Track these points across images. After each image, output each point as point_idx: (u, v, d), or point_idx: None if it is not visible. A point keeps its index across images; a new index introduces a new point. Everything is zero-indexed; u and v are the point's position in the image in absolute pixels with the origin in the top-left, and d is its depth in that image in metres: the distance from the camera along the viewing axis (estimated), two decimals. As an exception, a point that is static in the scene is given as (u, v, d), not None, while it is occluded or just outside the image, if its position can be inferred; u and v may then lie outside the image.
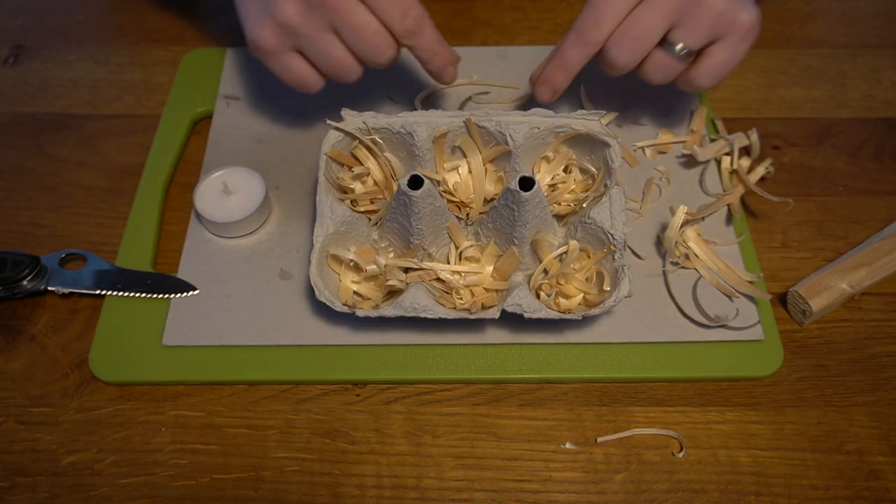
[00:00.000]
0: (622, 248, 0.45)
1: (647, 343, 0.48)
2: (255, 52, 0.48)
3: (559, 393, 0.47)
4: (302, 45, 0.46)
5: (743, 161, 0.55)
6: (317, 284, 0.44)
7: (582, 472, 0.44)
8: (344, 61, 0.47)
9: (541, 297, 0.47)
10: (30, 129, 0.60)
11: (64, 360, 0.48)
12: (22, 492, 0.43)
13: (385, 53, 0.46)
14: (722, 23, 0.46)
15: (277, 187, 0.55)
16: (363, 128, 0.49)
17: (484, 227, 0.48)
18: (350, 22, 0.44)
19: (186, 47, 0.65)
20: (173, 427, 0.46)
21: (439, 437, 0.45)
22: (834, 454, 0.45)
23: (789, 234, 0.54)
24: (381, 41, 0.46)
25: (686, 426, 0.46)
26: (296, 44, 0.46)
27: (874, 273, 0.49)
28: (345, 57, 0.47)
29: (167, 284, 0.50)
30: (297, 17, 0.44)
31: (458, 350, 0.48)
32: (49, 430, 0.46)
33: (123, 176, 0.57)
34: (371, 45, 0.45)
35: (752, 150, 0.56)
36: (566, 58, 0.48)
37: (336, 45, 0.46)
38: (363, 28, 0.45)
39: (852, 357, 0.48)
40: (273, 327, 0.48)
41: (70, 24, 0.68)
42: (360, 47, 0.46)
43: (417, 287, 0.45)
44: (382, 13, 0.45)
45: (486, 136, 0.49)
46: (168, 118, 0.59)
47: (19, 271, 0.49)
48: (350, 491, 0.43)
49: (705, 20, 0.46)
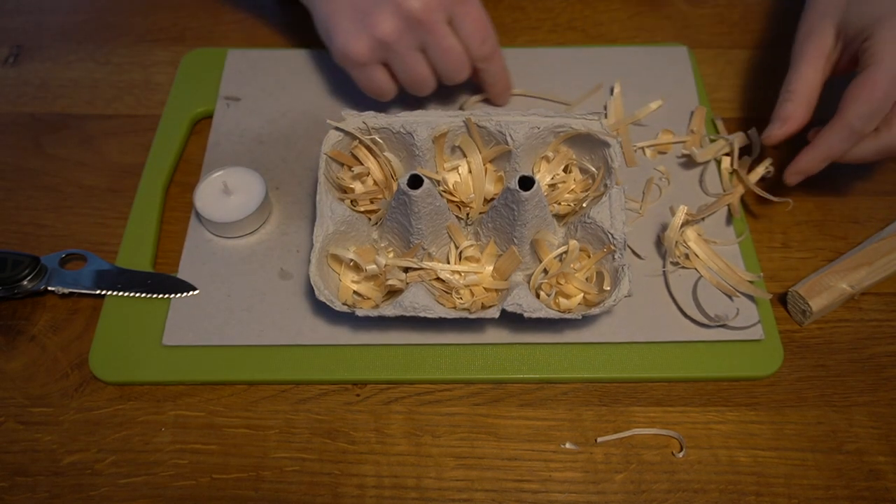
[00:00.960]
0: (622, 248, 0.45)
1: (647, 343, 0.48)
2: (343, 61, 0.52)
3: (559, 393, 0.47)
4: (390, 59, 0.51)
5: (743, 161, 0.55)
6: (317, 284, 0.44)
7: (582, 472, 0.44)
8: (426, 77, 0.52)
9: (541, 296, 0.47)
10: (30, 129, 0.60)
11: (64, 360, 0.48)
12: (22, 492, 0.43)
13: (462, 73, 0.52)
14: None
15: (277, 187, 0.55)
16: (363, 128, 0.49)
17: (484, 227, 0.48)
18: (441, 44, 0.50)
19: (186, 47, 0.65)
20: (173, 427, 0.46)
21: (439, 437, 0.45)
22: (834, 454, 0.45)
23: (789, 234, 0.54)
24: (462, 63, 0.51)
25: (686, 426, 0.46)
26: (385, 57, 0.50)
27: (874, 273, 0.49)
28: (427, 74, 0.51)
29: (167, 284, 0.50)
30: (395, 34, 0.49)
31: (457, 350, 0.48)
32: (49, 430, 0.46)
33: (123, 176, 0.57)
34: (453, 66, 0.51)
35: (753, 149, 0.56)
36: (832, 151, 0.48)
37: (422, 62, 0.51)
38: (450, 50, 0.50)
39: (852, 357, 0.48)
40: (273, 327, 0.48)
41: (70, 24, 0.68)
42: (444, 66, 0.51)
43: (417, 287, 0.45)
44: (467, 38, 0.51)
45: (486, 136, 0.49)
46: (168, 118, 0.59)
47: (19, 271, 0.49)
48: (350, 491, 0.43)
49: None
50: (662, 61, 0.62)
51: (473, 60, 0.52)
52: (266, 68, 0.62)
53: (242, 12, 0.68)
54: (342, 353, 0.47)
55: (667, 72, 0.61)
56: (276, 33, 0.66)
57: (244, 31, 0.67)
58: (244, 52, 0.63)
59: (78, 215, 0.55)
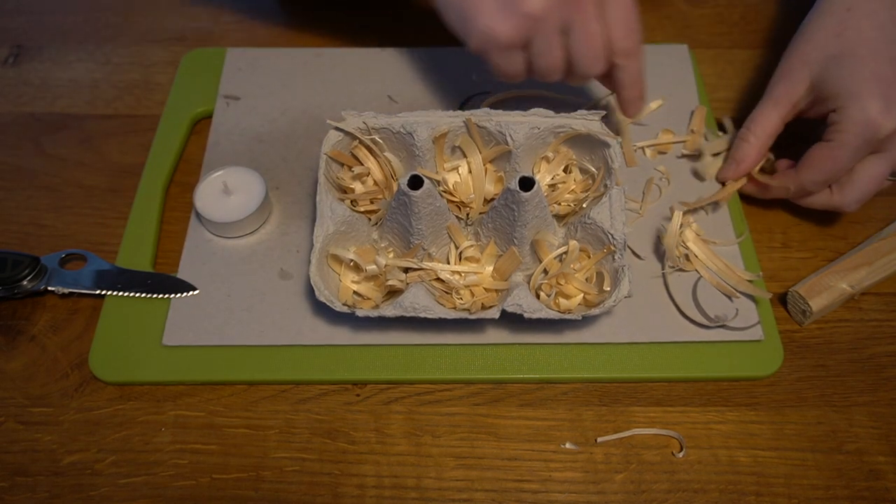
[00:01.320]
0: (622, 248, 0.45)
1: (647, 343, 0.48)
2: (485, 44, 0.46)
3: (559, 393, 0.47)
4: (533, 39, 0.46)
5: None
6: (317, 284, 0.44)
7: (582, 472, 0.44)
8: (559, 64, 0.47)
9: (541, 297, 0.47)
10: (30, 129, 0.60)
11: (64, 360, 0.48)
12: (22, 492, 0.43)
13: (598, 65, 0.46)
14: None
15: (277, 187, 0.55)
16: (363, 128, 0.49)
17: (484, 227, 0.48)
18: (586, 26, 0.45)
19: (186, 47, 0.65)
20: (173, 427, 0.46)
21: (439, 437, 0.45)
22: (834, 454, 0.45)
23: (789, 234, 0.54)
24: (600, 53, 0.46)
25: (686, 426, 0.46)
26: (530, 37, 0.46)
27: (874, 273, 0.49)
28: (561, 58, 0.46)
29: (167, 284, 0.50)
30: (545, 10, 0.44)
31: (457, 350, 0.48)
32: (49, 430, 0.46)
33: (123, 176, 0.57)
34: (592, 54, 0.46)
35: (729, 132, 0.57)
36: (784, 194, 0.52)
37: (560, 46, 0.46)
38: (594, 35, 0.45)
39: (852, 357, 0.48)
40: (273, 327, 0.48)
41: (70, 24, 0.68)
42: (582, 54, 0.46)
43: (417, 287, 0.45)
44: (612, 26, 0.45)
45: (486, 136, 0.49)
46: (168, 118, 0.59)
47: (19, 271, 0.49)
48: (350, 491, 0.43)
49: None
50: (662, 61, 0.62)
51: (613, 54, 0.46)
52: (266, 68, 0.62)
53: (242, 12, 0.68)
54: (342, 353, 0.47)
55: (667, 71, 0.61)
56: (275, 33, 0.66)
57: (244, 30, 0.67)
58: (244, 52, 0.63)
59: (78, 215, 0.55)
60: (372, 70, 0.61)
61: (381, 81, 0.60)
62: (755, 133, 0.52)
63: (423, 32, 0.65)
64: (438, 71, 0.61)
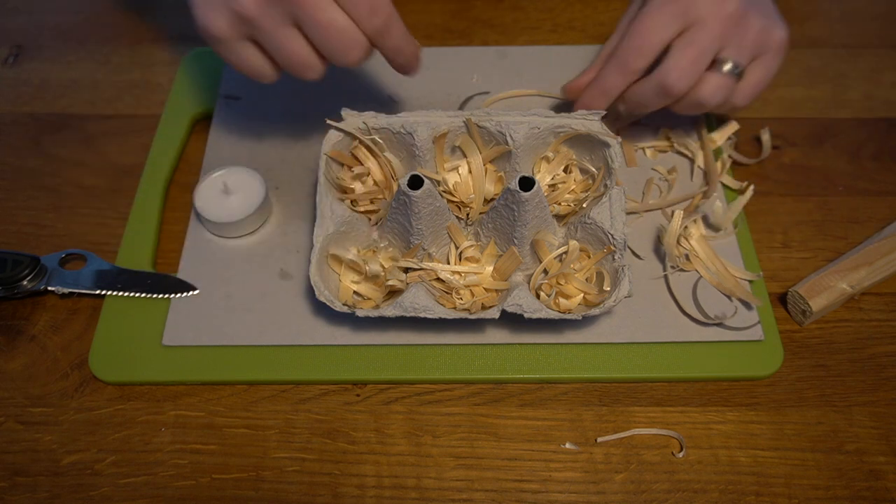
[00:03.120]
0: (622, 249, 0.45)
1: (647, 343, 0.48)
2: (204, 37, 0.45)
3: (559, 393, 0.47)
4: (258, 36, 0.43)
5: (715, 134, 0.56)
6: (317, 284, 0.44)
7: (582, 472, 0.44)
8: (303, 57, 0.44)
9: (541, 297, 0.47)
10: (30, 129, 0.60)
11: (64, 360, 0.48)
12: (22, 492, 0.43)
13: (352, 52, 0.43)
14: (761, 39, 0.48)
15: (277, 187, 0.55)
16: (363, 128, 0.49)
17: (484, 227, 0.48)
18: (315, 18, 0.41)
19: (186, 47, 0.65)
20: (173, 427, 0.46)
21: (439, 437, 0.45)
22: (834, 454, 0.45)
23: (789, 234, 0.54)
24: (348, 40, 0.42)
25: (686, 426, 0.46)
26: (250, 34, 0.43)
27: (874, 273, 0.49)
28: (304, 53, 0.43)
29: (167, 284, 0.50)
30: (256, 8, 0.41)
31: (457, 350, 0.48)
32: (49, 430, 0.46)
33: (123, 176, 0.57)
34: (337, 44, 0.42)
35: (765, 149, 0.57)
36: (607, 85, 0.50)
37: (295, 39, 0.43)
38: (328, 24, 0.42)
39: (852, 357, 0.48)
40: (273, 327, 0.48)
41: (70, 24, 0.68)
42: (326, 45, 0.43)
43: (417, 287, 0.45)
44: (351, 10, 0.42)
45: (486, 136, 0.49)
46: (168, 118, 0.59)
47: (19, 271, 0.49)
48: (350, 491, 0.43)
49: (748, 39, 0.48)
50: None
51: (367, 36, 0.43)
52: None
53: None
54: (342, 353, 0.47)
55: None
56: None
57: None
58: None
59: (78, 215, 0.55)
60: (372, 70, 0.61)
61: (381, 81, 0.60)
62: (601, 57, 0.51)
63: (422, 32, 0.65)
64: (438, 71, 0.61)
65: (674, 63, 0.47)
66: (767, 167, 0.57)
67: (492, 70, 0.61)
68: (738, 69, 0.48)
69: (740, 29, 0.47)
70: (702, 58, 0.47)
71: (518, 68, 0.61)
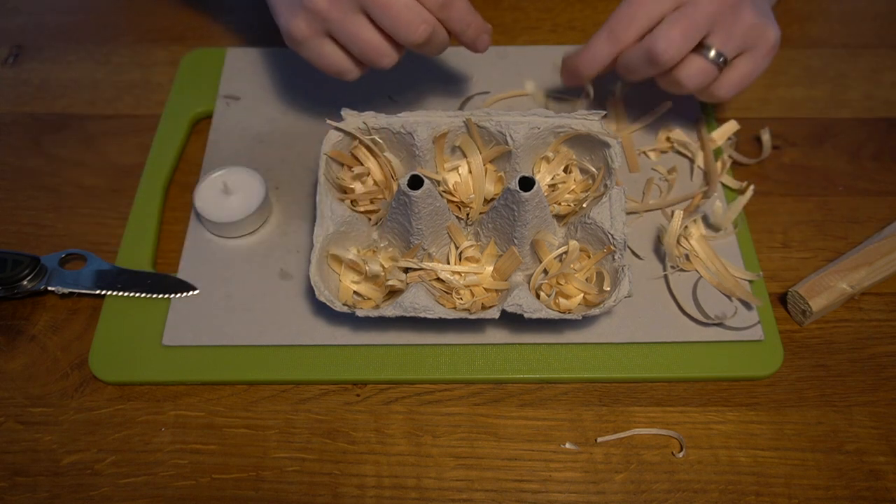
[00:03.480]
0: (622, 249, 0.45)
1: (647, 343, 0.48)
2: (289, 43, 0.48)
3: (559, 393, 0.47)
4: (332, 30, 0.46)
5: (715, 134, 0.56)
6: (317, 284, 0.44)
7: (582, 472, 0.44)
8: (375, 43, 0.46)
9: (541, 297, 0.47)
10: (30, 129, 0.60)
11: (64, 360, 0.48)
12: (22, 492, 0.43)
13: (418, 29, 0.44)
14: (752, 35, 0.48)
15: (277, 187, 0.55)
16: (363, 128, 0.49)
17: (484, 227, 0.48)
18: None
19: (186, 47, 0.65)
20: (173, 427, 0.46)
21: (439, 437, 0.45)
22: (834, 454, 0.45)
23: (789, 234, 0.54)
24: (412, 16, 0.44)
25: (686, 426, 0.46)
26: (326, 28, 0.46)
27: (874, 273, 0.49)
28: (375, 39, 0.46)
29: (167, 284, 0.50)
30: (325, 2, 0.44)
31: (457, 350, 0.48)
32: (49, 430, 0.46)
33: (123, 176, 0.57)
34: (402, 21, 0.44)
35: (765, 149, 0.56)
36: (595, 52, 0.49)
37: (365, 26, 0.45)
38: (392, 3, 0.43)
39: (852, 357, 0.48)
40: (273, 327, 0.48)
41: (70, 24, 0.68)
42: (392, 24, 0.44)
43: (417, 287, 0.45)
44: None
45: (486, 136, 0.49)
46: (168, 118, 0.59)
47: (19, 271, 0.49)
48: (350, 491, 0.43)
49: (739, 30, 0.47)
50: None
51: (430, 9, 0.45)
52: (266, 68, 0.62)
53: (242, 12, 0.68)
54: (342, 353, 0.47)
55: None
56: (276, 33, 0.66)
57: (244, 30, 0.67)
58: (244, 52, 0.63)
59: (78, 215, 0.55)
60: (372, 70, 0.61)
61: (381, 81, 0.60)
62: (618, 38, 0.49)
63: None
64: (438, 71, 0.61)
65: (664, 32, 0.46)
66: (767, 167, 0.57)
67: (492, 70, 0.61)
68: (722, 58, 0.47)
69: (733, 17, 0.47)
70: (691, 31, 0.46)
71: (518, 69, 0.61)
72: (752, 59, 0.49)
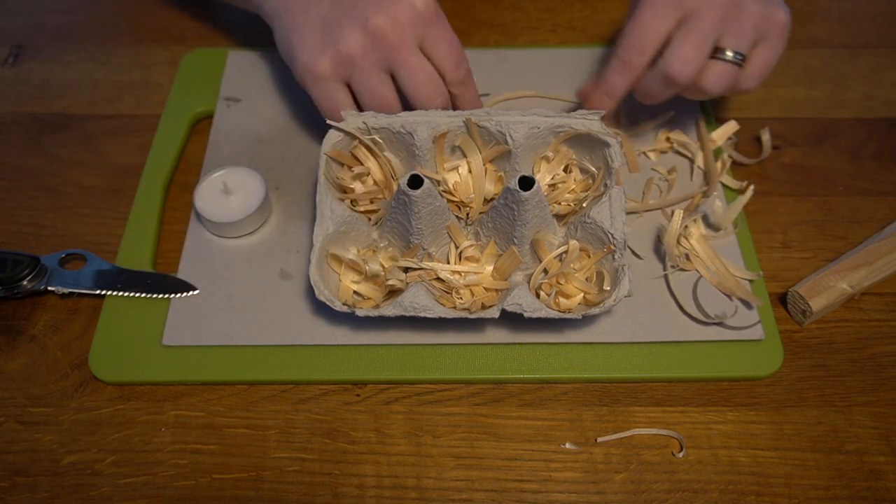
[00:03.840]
0: (622, 248, 0.45)
1: (647, 343, 0.48)
2: (304, 77, 0.49)
3: (559, 393, 0.47)
4: (353, 78, 0.48)
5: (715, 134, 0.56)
6: (317, 284, 0.44)
7: (582, 472, 0.44)
8: (389, 100, 0.49)
9: (541, 296, 0.47)
10: (30, 129, 0.60)
11: (64, 360, 0.48)
12: (22, 492, 0.43)
13: (437, 98, 0.49)
14: (762, 24, 0.48)
15: (277, 187, 0.55)
16: (363, 128, 0.49)
17: (484, 227, 0.48)
18: (409, 63, 0.47)
19: (186, 47, 0.65)
20: (173, 427, 0.46)
21: (439, 437, 0.45)
22: (834, 454, 0.45)
23: (789, 234, 0.54)
24: (434, 86, 0.48)
25: (686, 426, 0.46)
26: (348, 75, 0.48)
27: (874, 273, 0.49)
28: (390, 96, 0.49)
29: (167, 284, 0.50)
30: (360, 50, 0.47)
31: (457, 350, 0.48)
32: (49, 430, 0.46)
33: (123, 176, 0.57)
34: (425, 89, 0.48)
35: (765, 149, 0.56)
36: (612, 86, 0.50)
37: (386, 83, 0.48)
38: (420, 71, 0.48)
39: (852, 357, 0.48)
40: (273, 327, 0.48)
41: (70, 24, 0.68)
42: (413, 90, 0.48)
43: (417, 287, 0.45)
44: (440, 61, 0.49)
45: (486, 136, 0.49)
46: (168, 118, 0.59)
47: (19, 271, 0.49)
48: (350, 491, 0.43)
49: (748, 24, 0.48)
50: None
51: (448, 85, 0.50)
52: (266, 68, 0.62)
53: (242, 12, 0.68)
54: (342, 353, 0.47)
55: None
56: (276, 33, 0.66)
57: (244, 31, 0.67)
58: (244, 53, 0.63)
59: (78, 215, 0.55)
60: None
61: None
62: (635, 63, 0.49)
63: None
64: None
65: (676, 52, 0.47)
66: (767, 167, 0.57)
67: (491, 73, 0.61)
68: (740, 56, 0.48)
69: (738, 14, 0.47)
70: (703, 44, 0.47)
71: (518, 71, 0.61)
72: (768, 46, 0.49)
